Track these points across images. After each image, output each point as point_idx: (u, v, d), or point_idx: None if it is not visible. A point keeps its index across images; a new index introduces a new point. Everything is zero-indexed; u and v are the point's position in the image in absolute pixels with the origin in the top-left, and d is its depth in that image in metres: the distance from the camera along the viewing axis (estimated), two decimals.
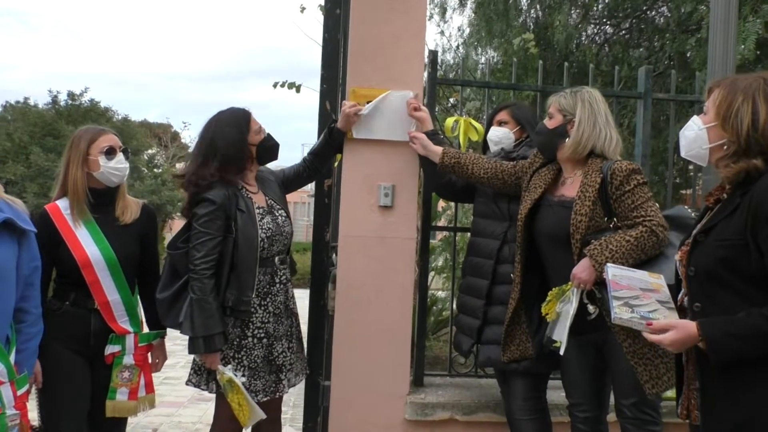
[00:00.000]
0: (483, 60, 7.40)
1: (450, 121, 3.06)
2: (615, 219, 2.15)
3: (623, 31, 6.86)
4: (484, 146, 2.80)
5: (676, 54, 5.39)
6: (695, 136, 1.65)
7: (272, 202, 2.47)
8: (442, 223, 5.40)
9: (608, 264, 1.91)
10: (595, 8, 6.79)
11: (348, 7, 2.76)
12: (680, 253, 1.68)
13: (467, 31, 7.64)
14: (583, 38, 6.61)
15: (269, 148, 2.46)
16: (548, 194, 2.30)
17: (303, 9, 5.60)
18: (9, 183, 14.58)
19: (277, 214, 2.45)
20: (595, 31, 6.99)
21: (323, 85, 2.90)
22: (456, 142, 3.07)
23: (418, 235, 2.84)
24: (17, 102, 19.57)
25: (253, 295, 2.30)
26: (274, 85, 5.27)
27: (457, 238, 3.22)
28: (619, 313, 1.64)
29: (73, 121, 16.00)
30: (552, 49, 6.02)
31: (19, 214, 1.96)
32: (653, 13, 6.60)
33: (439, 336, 5.96)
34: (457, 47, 7.78)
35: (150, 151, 22.43)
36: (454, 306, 2.98)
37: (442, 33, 8.01)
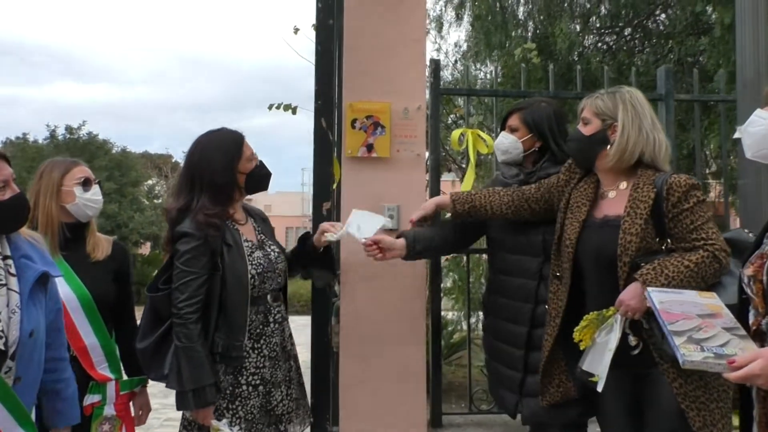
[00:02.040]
0: (482, 74, 7.25)
1: (456, 134, 2.86)
2: (668, 240, 1.87)
3: (625, 38, 6.71)
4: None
5: (684, 57, 5.21)
6: (766, 131, 1.43)
7: (263, 237, 2.22)
8: None
9: (648, 288, 1.63)
10: (595, 17, 6.65)
11: (341, 18, 2.58)
12: (752, 268, 1.43)
13: (464, 45, 7.51)
14: (586, 47, 6.45)
15: (260, 177, 2.20)
16: (589, 213, 2.02)
17: (297, 30, 5.45)
18: None
19: (269, 250, 2.19)
20: (597, 40, 6.84)
21: (318, 101, 2.70)
22: (464, 156, 2.86)
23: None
24: (17, 138, 19.64)
25: (245, 339, 2.05)
26: (270, 107, 5.14)
27: (467, 259, 2.97)
28: (688, 355, 1.32)
29: (71, 154, 15.98)
30: (554, 58, 5.86)
31: (44, 257, 1.77)
32: (652, 20, 6.45)
33: (450, 360, 5.67)
34: (455, 62, 7.63)
35: (149, 182, 22.43)
36: (474, 333, 2.72)
37: (438, 50, 7.88)
